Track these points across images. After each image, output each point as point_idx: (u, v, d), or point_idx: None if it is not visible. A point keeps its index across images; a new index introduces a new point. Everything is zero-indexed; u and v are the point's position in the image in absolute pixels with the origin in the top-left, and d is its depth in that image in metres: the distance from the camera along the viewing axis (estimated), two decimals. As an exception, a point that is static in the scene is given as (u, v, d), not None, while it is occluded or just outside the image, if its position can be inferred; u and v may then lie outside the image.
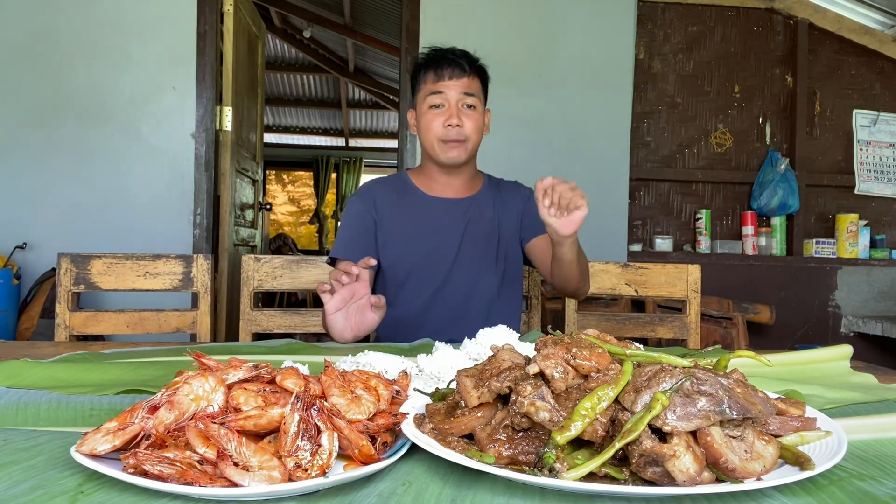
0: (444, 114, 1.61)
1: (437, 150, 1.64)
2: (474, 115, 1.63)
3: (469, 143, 1.64)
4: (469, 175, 1.75)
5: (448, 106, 1.61)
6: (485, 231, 1.71)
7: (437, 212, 1.71)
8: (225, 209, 3.36)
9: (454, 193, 1.73)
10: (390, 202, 1.71)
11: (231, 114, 3.33)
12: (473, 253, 1.68)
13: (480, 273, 1.68)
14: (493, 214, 1.73)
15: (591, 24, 3.52)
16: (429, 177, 1.74)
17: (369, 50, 6.69)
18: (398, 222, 1.69)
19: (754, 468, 0.54)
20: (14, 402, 0.80)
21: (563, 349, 0.62)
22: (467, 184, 1.74)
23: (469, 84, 1.63)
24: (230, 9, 3.30)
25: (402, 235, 1.68)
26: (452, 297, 1.66)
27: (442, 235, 1.69)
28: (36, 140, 3.08)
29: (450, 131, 1.60)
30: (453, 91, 1.61)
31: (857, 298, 3.71)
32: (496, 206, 1.74)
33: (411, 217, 1.70)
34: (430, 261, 1.67)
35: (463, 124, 1.61)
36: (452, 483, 0.57)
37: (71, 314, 1.65)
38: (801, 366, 1.12)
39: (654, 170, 3.77)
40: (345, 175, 9.64)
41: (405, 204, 1.71)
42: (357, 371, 0.74)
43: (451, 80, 1.61)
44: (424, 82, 1.65)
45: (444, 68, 1.62)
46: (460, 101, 1.61)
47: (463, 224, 1.70)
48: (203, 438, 0.56)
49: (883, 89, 3.90)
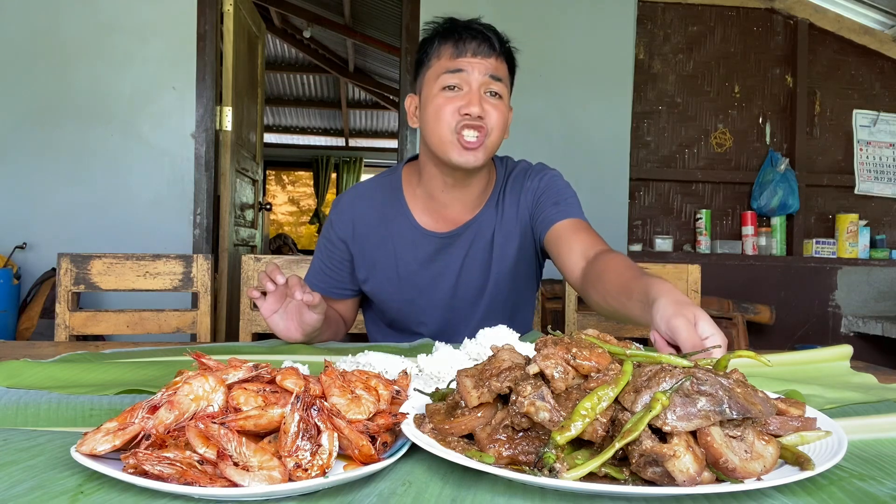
0: (461, 98, 1.25)
1: (447, 147, 1.26)
2: (499, 105, 1.28)
3: (489, 140, 1.27)
4: (480, 185, 1.38)
5: (469, 90, 1.26)
6: (485, 262, 1.41)
7: (430, 249, 1.39)
8: (225, 209, 3.36)
9: (455, 218, 1.39)
10: (373, 228, 1.40)
11: (231, 114, 3.33)
12: (472, 290, 1.42)
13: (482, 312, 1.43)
14: (492, 237, 1.40)
15: (591, 24, 3.53)
16: (427, 193, 1.39)
17: (369, 50, 6.69)
18: (381, 256, 1.40)
19: (754, 468, 0.54)
20: (14, 402, 0.80)
21: (563, 349, 0.62)
22: (475, 191, 1.39)
23: (496, 66, 1.28)
24: (230, 9, 3.30)
25: (386, 273, 1.40)
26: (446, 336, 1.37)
27: (434, 278, 1.40)
28: (36, 140, 3.09)
29: (466, 121, 1.25)
30: (477, 71, 1.25)
31: (857, 298, 3.71)
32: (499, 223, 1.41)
33: (397, 252, 1.40)
34: (420, 304, 1.42)
35: (485, 114, 1.25)
36: (452, 483, 0.57)
37: (71, 314, 1.65)
38: (801, 366, 1.12)
39: (654, 170, 3.77)
40: (345, 175, 9.65)
41: (391, 233, 1.40)
42: (357, 371, 0.74)
43: (476, 56, 1.26)
44: (438, 57, 1.28)
45: (468, 42, 1.26)
46: (484, 86, 1.26)
47: (459, 262, 1.40)
48: (203, 438, 0.56)
49: (883, 89, 3.90)
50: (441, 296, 1.42)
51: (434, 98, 1.27)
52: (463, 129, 1.25)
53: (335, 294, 1.47)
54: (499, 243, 1.40)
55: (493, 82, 1.27)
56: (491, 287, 1.42)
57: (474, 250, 1.40)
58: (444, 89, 1.27)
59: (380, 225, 1.41)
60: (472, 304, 1.43)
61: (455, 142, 1.26)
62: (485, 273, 1.41)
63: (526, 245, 1.43)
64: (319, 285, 1.44)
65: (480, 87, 1.26)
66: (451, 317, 1.44)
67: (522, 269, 1.45)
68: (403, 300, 1.43)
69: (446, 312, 1.43)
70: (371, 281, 1.43)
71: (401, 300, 1.43)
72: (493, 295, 1.43)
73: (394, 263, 1.40)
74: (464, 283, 1.41)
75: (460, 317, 1.43)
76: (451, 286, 1.41)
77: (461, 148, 1.26)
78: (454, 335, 1.40)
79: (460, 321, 1.43)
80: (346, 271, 1.45)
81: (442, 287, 1.41)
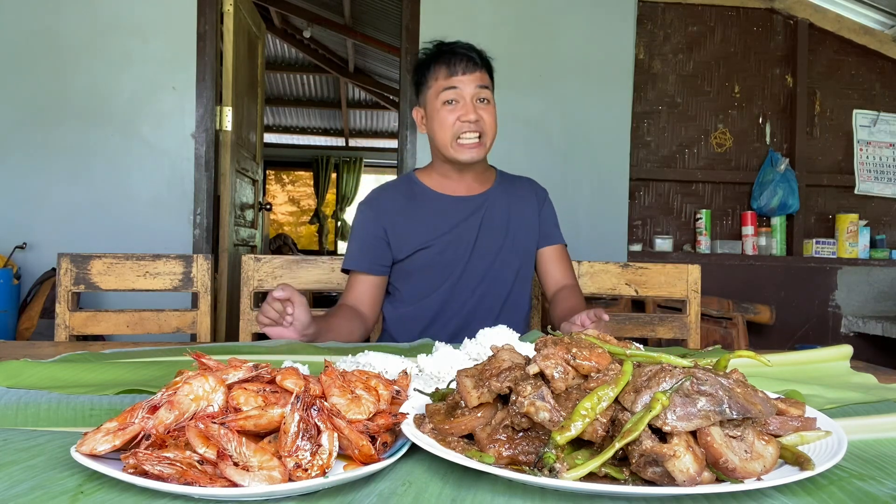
0: (459, 109, 1.59)
1: (452, 148, 1.61)
2: (490, 108, 1.62)
3: (486, 138, 1.62)
4: (481, 169, 1.73)
5: (463, 102, 1.59)
6: (499, 227, 1.70)
7: (451, 209, 1.69)
8: (225, 209, 3.36)
9: (467, 190, 1.71)
10: (399, 206, 1.69)
11: (231, 114, 3.33)
12: (487, 249, 1.68)
13: (494, 269, 1.68)
14: (506, 212, 1.71)
15: (591, 24, 3.52)
16: (440, 174, 1.72)
17: (369, 50, 6.69)
18: (410, 223, 1.67)
19: (754, 468, 0.54)
20: (14, 402, 0.80)
21: (563, 349, 0.62)
22: (480, 178, 1.73)
23: (482, 77, 1.61)
24: (230, 9, 3.30)
25: (417, 235, 1.66)
26: (467, 292, 1.66)
27: (457, 232, 1.67)
28: (36, 140, 3.08)
29: (466, 126, 1.58)
30: (468, 86, 1.59)
31: (857, 298, 3.71)
32: (510, 204, 1.73)
33: (423, 217, 1.68)
34: (445, 257, 1.66)
35: (479, 118, 1.59)
36: (452, 483, 0.57)
37: (71, 314, 1.65)
38: (801, 366, 1.12)
39: (654, 170, 3.77)
40: (345, 175, 9.65)
41: (416, 205, 1.69)
42: (357, 371, 0.74)
43: (466, 74, 1.59)
44: (436, 78, 1.62)
45: (458, 62, 1.59)
46: (475, 96, 1.60)
47: (478, 220, 1.68)
48: (203, 438, 0.56)
49: (883, 89, 3.90)
50: (463, 249, 1.66)
51: (438, 112, 1.61)
52: (463, 134, 1.60)
53: (373, 269, 1.66)
54: (515, 213, 1.72)
55: (482, 91, 1.61)
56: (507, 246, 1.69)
57: (490, 215, 1.69)
58: (445, 104, 1.60)
59: (406, 203, 1.69)
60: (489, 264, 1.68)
61: (456, 145, 1.61)
62: (502, 233, 1.69)
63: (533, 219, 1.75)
64: (359, 265, 1.66)
65: (472, 97, 1.60)
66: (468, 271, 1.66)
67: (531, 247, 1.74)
68: (432, 255, 1.65)
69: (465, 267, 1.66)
70: (404, 247, 1.65)
71: (429, 256, 1.65)
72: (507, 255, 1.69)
73: (421, 226, 1.66)
74: (482, 239, 1.67)
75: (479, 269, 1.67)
76: (471, 240, 1.67)
77: (463, 149, 1.61)
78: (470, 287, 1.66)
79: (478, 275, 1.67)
80: (382, 244, 1.66)
81: (465, 239, 1.66)
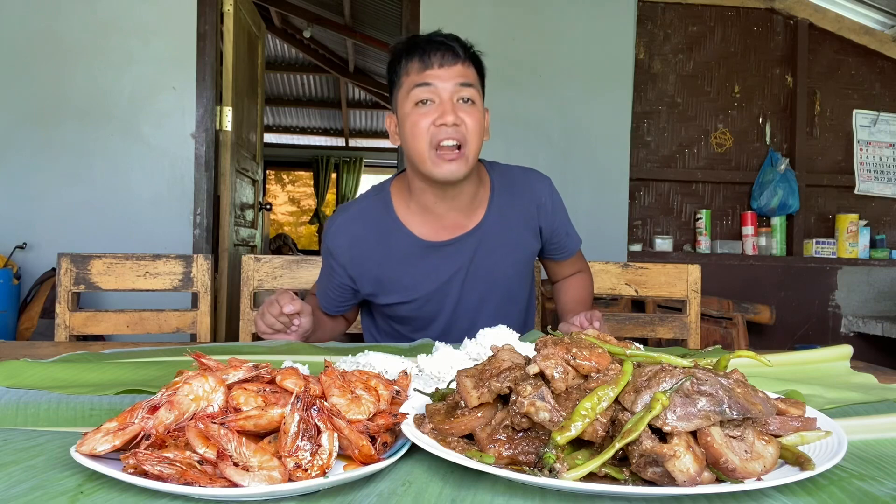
0: (434, 111, 1.27)
1: (427, 161, 1.28)
2: (473, 110, 1.29)
3: (468, 148, 1.29)
4: (470, 194, 1.39)
5: (440, 101, 1.27)
6: (491, 270, 1.44)
7: (432, 260, 1.41)
8: (225, 209, 3.36)
9: (453, 228, 1.40)
10: (371, 248, 1.41)
11: (231, 114, 3.33)
12: (476, 297, 1.45)
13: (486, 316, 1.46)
14: (501, 246, 1.43)
15: (591, 24, 3.52)
16: (420, 206, 1.39)
17: (369, 50, 6.69)
18: (384, 272, 1.42)
19: (754, 468, 0.54)
20: (14, 402, 0.80)
21: (563, 349, 0.62)
22: (469, 204, 1.41)
23: (464, 72, 1.29)
24: (230, 9, 3.30)
25: (391, 288, 1.43)
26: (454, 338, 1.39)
27: (439, 287, 1.42)
28: (36, 140, 3.08)
29: (443, 131, 1.26)
30: (445, 81, 1.27)
31: (857, 298, 3.71)
32: (506, 232, 1.43)
33: (398, 266, 1.41)
34: (429, 308, 1.45)
35: (460, 122, 1.27)
36: (452, 483, 0.57)
37: (71, 314, 1.65)
38: (801, 366, 1.12)
39: (654, 170, 3.77)
40: (345, 175, 9.65)
41: (391, 251, 1.41)
42: (357, 371, 0.74)
43: (442, 67, 1.27)
44: (407, 73, 1.30)
45: (432, 54, 1.28)
46: (455, 94, 1.28)
47: (463, 271, 1.42)
48: (203, 438, 0.56)
49: (883, 89, 3.90)
50: (449, 300, 1.45)
51: (409, 115, 1.29)
52: (441, 141, 1.27)
53: (338, 310, 1.53)
54: (505, 248, 1.44)
55: (463, 89, 1.29)
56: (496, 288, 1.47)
57: (480, 256, 1.43)
58: (417, 104, 1.29)
59: (379, 244, 1.41)
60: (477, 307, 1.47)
61: (434, 156, 1.28)
62: (490, 276, 1.45)
63: (531, 248, 1.50)
64: (323, 301, 1.52)
65: (452, 95, 1.28)
66: (456, 320, 1.47)
67: (526, 270, 1.54)
68: (413, 306, 1.46)
69: (451, 316, 1.47)
70: (381, 295, 1.45)
71: (410, 308, 1.46)
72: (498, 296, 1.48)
73: (399, 276, 1.42)
74: (469, 287, 1.44)
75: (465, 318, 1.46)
76: (457, 291, 1.44)
77: (441, 161, 1.28)
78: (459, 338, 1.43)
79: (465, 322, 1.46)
80: (348, 293, 1.48)
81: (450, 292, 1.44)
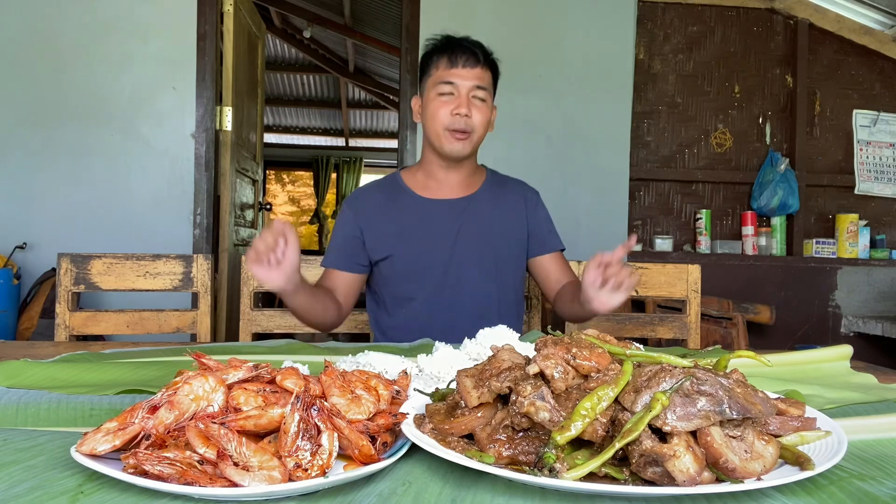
0: (452, 102, 1.58)
1: (441, 139, 1.61)
2: (483, 107, 1.61)
3: (474, 135, 1.61)
4: (469, 171, 1.71)
5: (458, 95, 1.58)
6: (480, 233, 1.67)
7: (428, 213, 1.67)
8: (225, 209, 3.36)
9: (450, 192, 1.70)
10: (378, 206, 1.69)
11: (231, 114, 3.33)
12: (467, 257, 1.65)
13: (475, 278, 1.65)
14: (489, 218, 1.69)
15: (591, 24, 3.52)
16: (426, 173, 1.71)
17: (369, 50, 6.69)
18: (387, 225, 1.66)
19: (754, 468, 0.54)
20: (14, 402, 0.80)
21: (563, 349, 0.62)
22: (466, 180, 1.71)
23: (481, 75, 1.60)
24: (230, 9, 3.30)
25: (391, 238, 1.65)
26: (447, 301, 1.64)
27: (431, 238, 1.65)
28: (35, 140, 3.08)
29: (457, 120, 1.57)
30: (465, 80, 1.58)
31: (857, 298, 3.71)
32: (496, 207, 1.70)
33: (400, 219, 1.67)
34: (422, 264, 1.64)
35: (471, 115, 1.58)
36: (452, 483, 0.57)
37: (71, 314, 1.65)
38: (801, 366, 1.12)
39: (654, 170, 3.77)
40: (345, 175, 9.64)
41: (396, 206, 1.68)
42: (357, 371, 0.74)
43: (465, 68, 1.58)
44: (436, 68, 1.62)
45: (459, 56, 1.59)
46: (471, 92, 1.59)
47: (456, 226, 1.66)
48: (203, 438, 0.56)
49: (883, 89, 3.90)
50: (441, 255, 1.64)
51: (433, 101, 1.62)
52: (454, 126, 1.60)
53: (349, 267, 1.66)
54: (495, 217, 1.69)
55: (479, 89, 1.61)
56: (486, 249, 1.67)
57: (471, 220, 1.67)
58: (440, 95, 1.61)
59: (387, 201, 1.70)
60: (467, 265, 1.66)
61: (447, 135, 1.61)
62: (481, 238, 1.67)
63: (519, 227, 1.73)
64: (335, 264, 1.66)
65: (468, 92, 1.60)
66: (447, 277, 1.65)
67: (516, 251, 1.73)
68: (408, 260, 1.64)
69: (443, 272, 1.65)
70: (380, 249, 1.65)
71: (405, 260, 1.64)
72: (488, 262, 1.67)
73: (397, 229, 1.66)
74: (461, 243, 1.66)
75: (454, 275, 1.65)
76: (450, 245, 1.65)
77: (452, 139, 1.61)
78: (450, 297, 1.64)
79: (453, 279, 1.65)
80: (358, 245, 1.66)
81: (443, 247, 1.65)
